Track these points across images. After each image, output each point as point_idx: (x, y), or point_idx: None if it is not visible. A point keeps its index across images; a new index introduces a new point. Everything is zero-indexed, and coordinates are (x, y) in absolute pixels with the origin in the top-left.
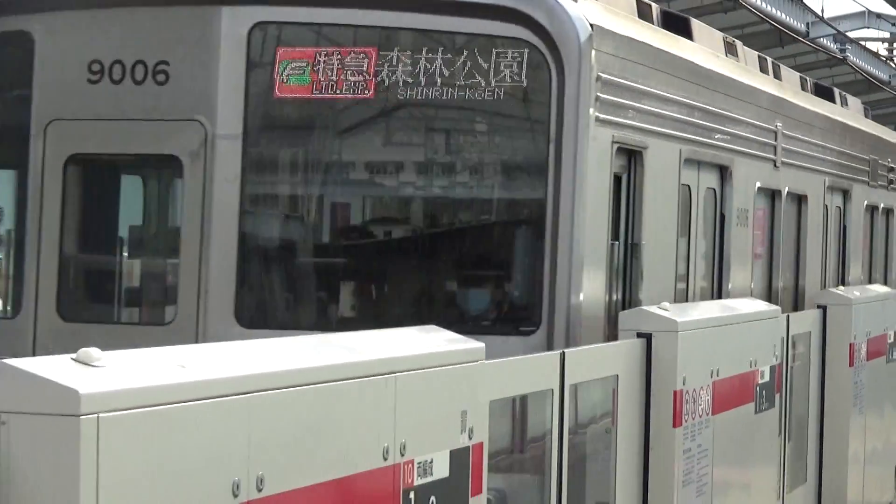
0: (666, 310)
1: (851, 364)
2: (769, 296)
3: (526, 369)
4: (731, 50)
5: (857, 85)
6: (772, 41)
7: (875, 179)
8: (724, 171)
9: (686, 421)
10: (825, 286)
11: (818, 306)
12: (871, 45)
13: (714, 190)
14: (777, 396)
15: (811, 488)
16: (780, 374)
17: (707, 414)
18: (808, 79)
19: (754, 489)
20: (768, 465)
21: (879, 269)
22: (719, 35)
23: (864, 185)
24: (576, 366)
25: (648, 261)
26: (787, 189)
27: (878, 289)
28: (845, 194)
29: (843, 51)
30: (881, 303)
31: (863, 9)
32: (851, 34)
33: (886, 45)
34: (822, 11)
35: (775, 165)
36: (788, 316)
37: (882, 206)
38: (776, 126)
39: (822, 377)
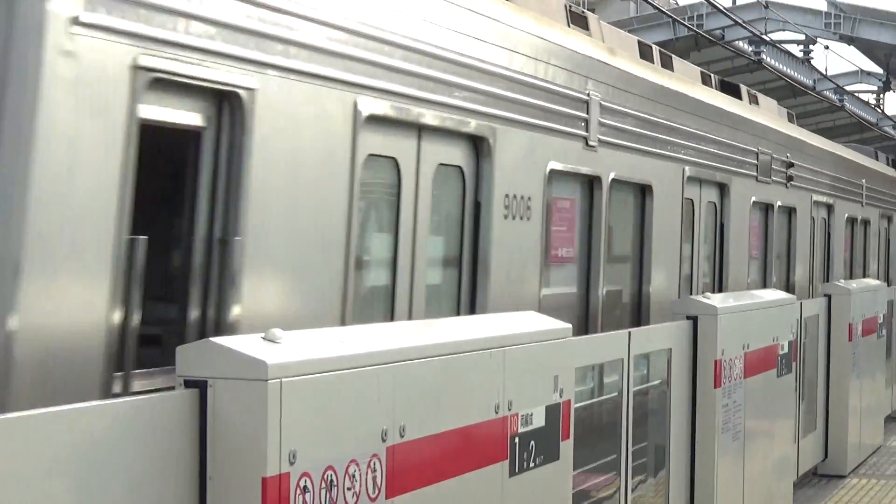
0: (709, 298)
1: (850, 339)
2: (587, 308)
3: (602, 344)
4: (577, 21)
5: (852, 126)
6: (787, 94)
7: (767, 175)
8: (479, 144)
9: (724, 383)
10: (692, 291)
11: (825, 295)
12: (864, 96)
13: (460, 169)
14: (794, 364)
15: (820, 434)
16: (796, 347)
17: (740, 378)
18: (712, 75)
19: (776, 435)
20: (787, 416)
21: (780, 271)
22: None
23: (752, 179)
24: (639, 341)
25: (259, 267)
26: (611, 175)
27: (871, 282)
28: (722, 188)
29: (841, 100)
30: (873, 292)
31: (857, 68)
32: (848, 87)
33: (874, 95)
34: (826, 70)
35: (588, 144)
36: (802, 303)
37: (779, 203)
38: (588, 94)
39: (827, 350)
